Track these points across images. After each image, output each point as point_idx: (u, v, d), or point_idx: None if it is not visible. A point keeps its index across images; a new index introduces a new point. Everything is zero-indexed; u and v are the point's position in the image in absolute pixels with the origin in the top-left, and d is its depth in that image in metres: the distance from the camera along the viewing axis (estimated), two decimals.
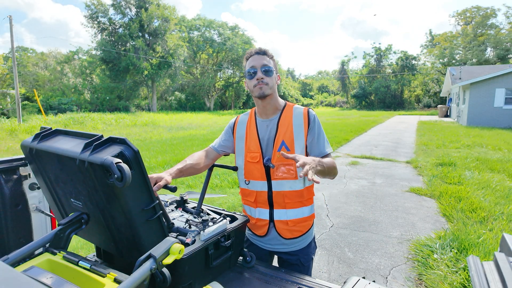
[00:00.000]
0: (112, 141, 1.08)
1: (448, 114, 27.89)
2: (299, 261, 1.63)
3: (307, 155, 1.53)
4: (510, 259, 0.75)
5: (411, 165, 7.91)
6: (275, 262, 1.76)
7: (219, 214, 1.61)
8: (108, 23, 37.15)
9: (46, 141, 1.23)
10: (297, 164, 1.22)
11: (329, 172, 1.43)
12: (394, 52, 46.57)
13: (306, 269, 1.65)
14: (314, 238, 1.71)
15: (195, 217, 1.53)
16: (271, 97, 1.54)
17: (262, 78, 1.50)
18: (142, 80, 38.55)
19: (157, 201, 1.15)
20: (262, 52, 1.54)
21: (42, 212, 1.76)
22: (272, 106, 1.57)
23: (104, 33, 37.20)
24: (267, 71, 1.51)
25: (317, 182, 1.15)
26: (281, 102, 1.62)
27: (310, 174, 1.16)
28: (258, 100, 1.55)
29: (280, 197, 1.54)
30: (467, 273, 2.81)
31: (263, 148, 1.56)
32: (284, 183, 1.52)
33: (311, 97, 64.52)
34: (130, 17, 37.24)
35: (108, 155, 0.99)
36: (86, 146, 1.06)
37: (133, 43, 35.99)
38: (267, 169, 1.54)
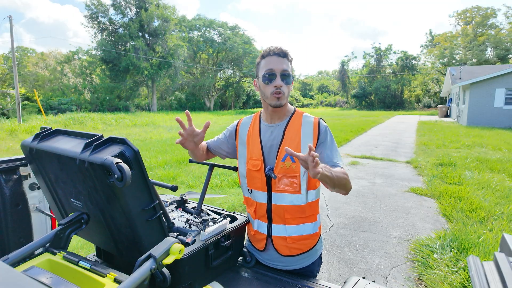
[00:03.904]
0: (112, 141, 1.08)
1: (448, 114, 27.89)
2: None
3: None
4: (510, 259, 0.75)
5: (411, 165, 7.91)
6: None
7: (219, 214, 1.61)
8: (108, 23, 37.14)
9: (46, 141, 1.23)
10: (305, 156, 1.09)
11: (338, 182, 1.27)
12: (394, 52, 46.59)
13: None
14: (320, 255, 1.58)
15: (195, 217, 1.53)
16: (284, 105, 1.43)
17: (281, 86, 1.36)
18: (142, 80, 38.55)
19: (157, 201, 1.15)
20: (283, 55, 1.38)
21: (42, 212, 1.76)
22: (281, 113, 1.45)
23: (104, 33, 37.19)
24: (287, 78, 1.38)
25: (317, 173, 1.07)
26: (290, 107, 1.49)
27: (316, 166, 1.06)
28: (268, 107, 1.43)
29: (280, 211, 1.41)
30: (467, 273, 2.81)
31: (265, 156, 1.43)
32: (285, 196, 1.39)
33: (311, 97, 64.51)
34: (130, 17, 37.24)
35: (108, 155, 0.99)
36: (86, 146, 1.06)
37: (133, 43, 35.97)
38: (269, 180, 1.41)
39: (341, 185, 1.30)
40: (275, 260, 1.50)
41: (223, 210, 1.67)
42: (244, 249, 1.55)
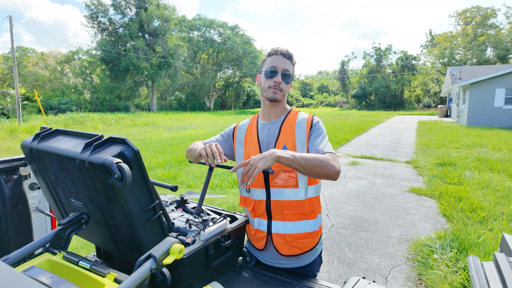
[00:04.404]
0: (112, 141, 1.08)
1: (448, 114, 27.89)
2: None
3: None
4: (510, 259, 0.75)
5: (411, 165, 7.91)
6: None
7: (219, 214, 1.61)
8: (108, 23, 37.18)
9: (46, 141, 1.22)
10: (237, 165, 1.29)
11: (306, 165, 1.25)
12: (394, 52, 46.59)
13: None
14: (320, 253, 1.59)
15: (195, 217, 1.53)
16: (280, 102, 1.52)
17: (280, 83, 1.46)
18: (142, 80, 38.57)
19: (157, 201, 1.15)
20: (288, 56, 1.49)
21: (42, 212, 1.76)
22: (278, 110, 1.53)
23: (104, 33, 37.22)
24: (287, 78, 1.48)
25: (247, 186, 1.26)
26: (287, 107, 1.57)
27: (249, 180, 1.24)
28: (266, 101, 1.52)
29: (278, 207, 1.43)
30: (467, 273, 2.81)
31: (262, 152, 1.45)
32: (283, 191, 1.42)
33: (311, 97, 64.50)
34: (130, 17, 37.26)
35: (108, 155, 0.99)
36: (86, 146, 1.06)
37: (133, 43, 35.98)
38: (266, 176, 1.44)
39: (315, 168, 1.27)
40: (276, 259, 1.51)
41: (223, 210, 1.67)
42: (244, 249, 1.55)
